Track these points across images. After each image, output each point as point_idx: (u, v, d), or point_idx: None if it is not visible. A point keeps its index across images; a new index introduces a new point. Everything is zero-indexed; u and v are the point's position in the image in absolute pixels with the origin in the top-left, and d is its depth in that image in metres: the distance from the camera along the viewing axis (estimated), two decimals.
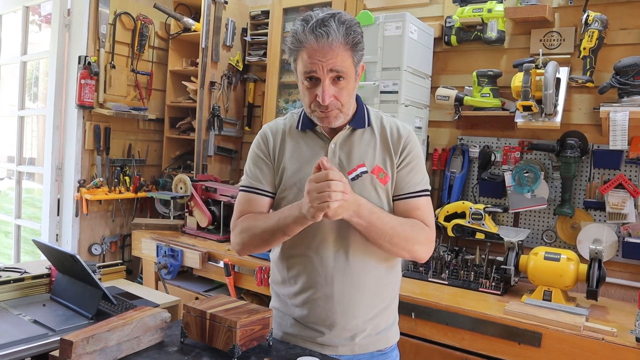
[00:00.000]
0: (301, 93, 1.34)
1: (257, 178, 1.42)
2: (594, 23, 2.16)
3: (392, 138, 1.39)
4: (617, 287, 2.25)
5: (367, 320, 1.39)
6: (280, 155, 1.41)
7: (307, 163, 1.36)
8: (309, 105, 1.32)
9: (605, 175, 2.27)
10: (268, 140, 1.44)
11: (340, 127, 1.38)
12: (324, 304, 1.37)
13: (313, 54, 1.24)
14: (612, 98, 2.16)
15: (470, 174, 2.61)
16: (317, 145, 1.39)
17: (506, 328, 1.84)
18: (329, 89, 1.26)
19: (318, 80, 1.26)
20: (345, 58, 1.26)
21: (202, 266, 2.69)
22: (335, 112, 1.30)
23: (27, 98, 3.79)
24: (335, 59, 1.24)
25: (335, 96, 1.28)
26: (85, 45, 3.10)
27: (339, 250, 1.36)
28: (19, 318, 1.58)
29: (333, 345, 1.38)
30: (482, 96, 2.44)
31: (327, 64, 1.24)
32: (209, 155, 3.35)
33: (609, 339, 1.69)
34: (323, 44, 1.23)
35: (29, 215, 4.02)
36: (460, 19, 2.52)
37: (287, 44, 1.31)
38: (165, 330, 1.37)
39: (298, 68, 1.30)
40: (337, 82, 1.27)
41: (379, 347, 1.43)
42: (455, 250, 2.44)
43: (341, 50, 1.24)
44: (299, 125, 1.41)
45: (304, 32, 1.24)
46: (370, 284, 1.38)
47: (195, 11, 3.47)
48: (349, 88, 1.30)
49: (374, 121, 1.41)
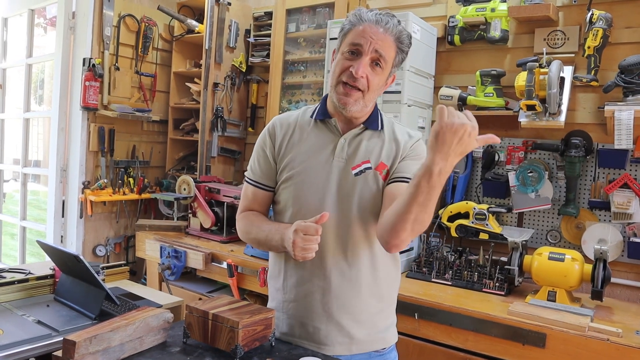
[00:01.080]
0: (333, 66, 1.36)
1: (258, 172, 1.48)
2: (598, 21, 2.15)
3: (404, 144, 1.40)
4: (622, 287, 2.23)
5: (364, 319, 1.39)
6: (288, 146, 1.43)
7: (315, 154, 1.39)
8: (338, 74, 1.34)
9: (610, 175, 2.26)
10: (275, 132, 1.46)
11: (354, 125, 1.40)
12: (320, 297, 1.37)
13: (367, 29, 1.30)
14: (617, 97, 2.14)
15: (474, 174, 2.60)
16: (328, 138, 1.41)
17: (510, 329, 1.83)
18: (366, 65, 1.31)
19: (359, 55, 1.30)
20: (391, 49, 1.32)
21: (206, 267, 2.69)
22: (358, 94, 1.32)
23: (32, 100, 3.81)
24: (384, 43, 1.30)
25: (368, 76, 1.31)
26: (90, 48, 3.12)
27: (338, 246, 1.37)
28: (23, 318, 1.59)
29: (329, 344, 1.38)
30: (485, 96, 2.43)
31: (376, 44, 1.30)
32: (212, 157, 3.35)
33: (614, 340, 1.68)
34: (379, 27, 1.30)
35: (34, 217, 4.04)
36: (463, 19, 2.52)
37: (346, 20, 1.36)
38: (168, 331, 1.37)
39: (346, 39, 1.34)
40: (374, 67, 1.32)
41: (376, 348, 1.43)
42: (458, 251, 2.43)
43: (391, 40, 1.31)
44: (314, 114, 1.44)
45: (367, 13, 1.32)
46: (367, 282, 1.39)
47: (199, 13, 3.48)
48: (380, 78, 1.34)
49: (386, 126, 1.44)
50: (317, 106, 1.46)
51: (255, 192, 1.48)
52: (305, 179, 1.38)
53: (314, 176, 1.38)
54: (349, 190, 1.36)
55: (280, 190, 1.44)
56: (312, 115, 1.44)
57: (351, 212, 1.35)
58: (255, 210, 1.49)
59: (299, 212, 1.37)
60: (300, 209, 1.38)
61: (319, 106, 1.45)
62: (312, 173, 1.38)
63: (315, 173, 1.38)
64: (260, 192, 1.47)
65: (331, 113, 1.41)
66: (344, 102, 1.33)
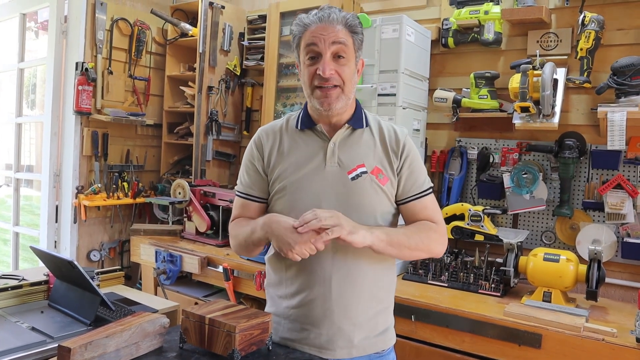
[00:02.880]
0: (302, 76, 1.37)
1: (248, 185, 1.47)
2: (590, 24, 2.16)
3: (391, 141, 1.42)
4: (616, 287, 2.25)
5: (364, 322, 1.39)
6: (277, 156, 1.42)
7: (306, 162, 1.38)
8: (309, 83, 1.34)
9: (603, 176, 2.27)
10: (262, 145, 1.46)
11: (339, 125, 1.40)
12: (321, 303, 1.37)
13: (315, 31, 1.31)
14: (610, 98, 2.16)
15: (469, 176, 2.61)
16: (317, 144, 1.40)
17: (506, 330, 1.83)
18: (329, 62, 1.31)
19: (319, 56, 1.31)
20: (346, 36, 1.32)
21: (201, 271, 2.68)
22: (337, 91, 1.32)
23: (24, 105, 3.78)
24: (336, 34, 1.30)
25: (336, 71, 1.31)
26: (83, 52, 3.11)
27: (337, 251, 1.36)
28: (17, 325, 1.57)
29: (331, 349, 1.38)
30: (479, 98, 2.44)
31: (329, 37, 1.30)
32: (207, 160, 3.34)
33: (609, 340, 1.69)
34: (325, 22, 1.31)
35: (27, 222, 4.01)
36: (457, 21, 2.53)
37: (292, 32, 1.37)
38: (164, 336, 1.36)
39: (300, 48, 1.35)
40: (337, 59, 1.32)
41: (376, 350, 1.43)
42: (454, 252, 2.44)
43: (341, 29, 1.31)
44: (298, 124, 1.43)
45: (308, 17, 1.34)
46: (367, 285, 1.39)
47: (192, 16, 3.47)
48: (350, 67, 1.34)
49: (372, 123, 1.44)
50: (299, 114, 1.45)
51: (246, 204, 1.47)
52: (299, 187, 1.37)
53: (309, 184, 1.37)
54: (347, 194, 1.36)
55: (274, 200, 1.43)
56: (296, 125, 1.43)
57: (350, 217, 1.34)
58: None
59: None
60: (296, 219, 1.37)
61: (301, 115, 1.44)
62: (306, 181, 1.37)
63: (310, 181, 1.37)
64: (251, 204, 1.47)
65: (315, 120, 1.41)
66: (327, 103, 1.33)
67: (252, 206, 1.47)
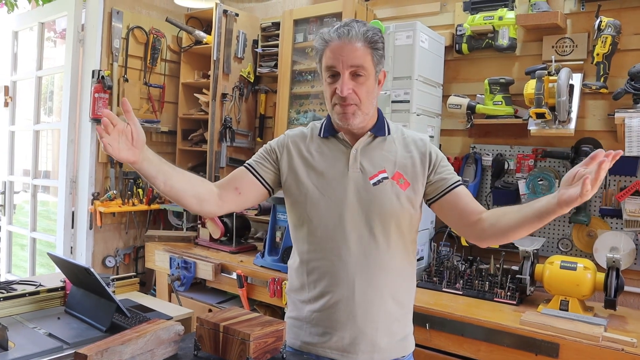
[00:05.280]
0: (325, 92, 1.41)
1: (259, 165, 1.48)
2: (607, 29, 2.14)
3: (418, 148, 1.44)
4: (635, 296, 2.21)
5: (386, 326, 1.40)
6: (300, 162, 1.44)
7: (329, 168, 1.42)
8: (330, 100, 1.38)
9: (621, 182, 2.24)
10: (288, 146, 1.48)
11: (361, 133, 1.42)
12: (344, 306, 1.38)
13: (335, 50, 1.33)
14: (627, 104, 2.13)
15: (484, 183, 2.59)
16: (339, 151, 1.44)
17: (523, 339, 1.81)
18: (347, 82, 1.33)
19: (338, 75, 1.33)
20: (365, 54, 1.33)
21: (215, 278, 2.69)
22: (353, 107, 1.35)
23: (42, 112, 3.84)
24: (355, 54, 1.31)
25: (354, 90, 1.34)
26: (99, 60, 3.15)
27: (360, 254, 1.37)
28: (34, 331, 1.59)
29: (353, 352, 1.38)
30: (494, 104, 2.42)
31: (347, 59, 1.31)
32: (221, 167, 3.36)
33: (628, 350, 1.65)
34: (344, 40, 1.32)
35: (44, 228, 4.05)
36: (471, 27, 2.52)
37: (315, 46, 1.39)
38: (179, 343, 1.37)
39: (322, 65, 1.38)
40: (356, 78, 1.33)
41: (397, 355, 1.44)
42: (469, 260, 2.42)
43: (360, 46, 1.32)
44: (321, 132, 1.47)
45: (329, 33, 1.35)
46: (389, 288, 1.40)
47: (207, 24, 3.50)
48: (368, 85, 1.35)
49: (394, 132, 1.47)
50: (323, 123, 1.48)
51: (244, 173, 1.47)
52: (322, 193, 1.40)
53: (331, 190, 1.39)
54: (370, 200, 1.38)
55: (295, 205, 1.45)
56: (319, 133, 1.47)
57: (373, 222, 1.37)
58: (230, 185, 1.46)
59: (317, 228, 1.40)
60: (319, 225, 1.40)
61: (325, 123, 1.48)
62: (328, 187, 1.40)
63: (332, 187, 1.40)
64: (250, 176, 1.46)
65: (337, 128, 1.44)
66: (345, 119, 1.37)
67: (249, 177, 1.46)
